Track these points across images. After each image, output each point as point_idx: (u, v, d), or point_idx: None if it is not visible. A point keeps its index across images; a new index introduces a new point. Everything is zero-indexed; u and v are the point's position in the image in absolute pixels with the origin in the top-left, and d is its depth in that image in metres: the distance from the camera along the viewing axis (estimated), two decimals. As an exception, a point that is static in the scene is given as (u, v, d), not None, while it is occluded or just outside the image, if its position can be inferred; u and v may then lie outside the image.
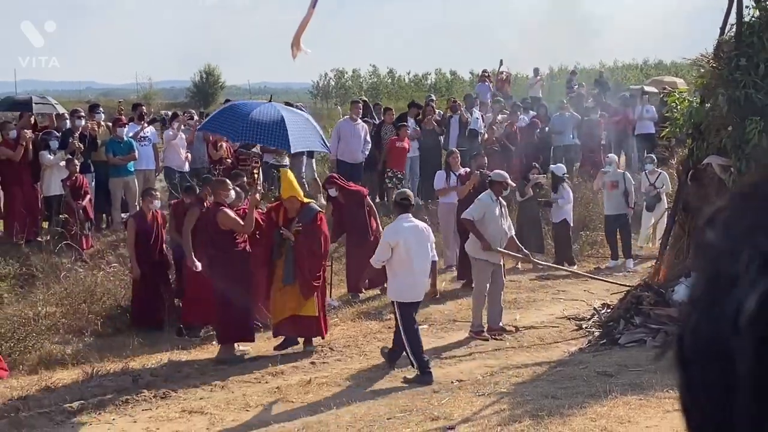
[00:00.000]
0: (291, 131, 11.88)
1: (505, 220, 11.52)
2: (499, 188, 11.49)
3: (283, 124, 11.96)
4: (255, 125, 12.07)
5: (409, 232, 9.64)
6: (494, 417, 7.86)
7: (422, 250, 9.66)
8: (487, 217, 11.22)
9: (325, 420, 8.23)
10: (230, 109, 12.85)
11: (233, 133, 12.73)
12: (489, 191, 11.51)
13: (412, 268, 9.58)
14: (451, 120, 18.82)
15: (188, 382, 9.60)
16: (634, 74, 47.12)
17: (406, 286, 9.65)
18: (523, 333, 11.43)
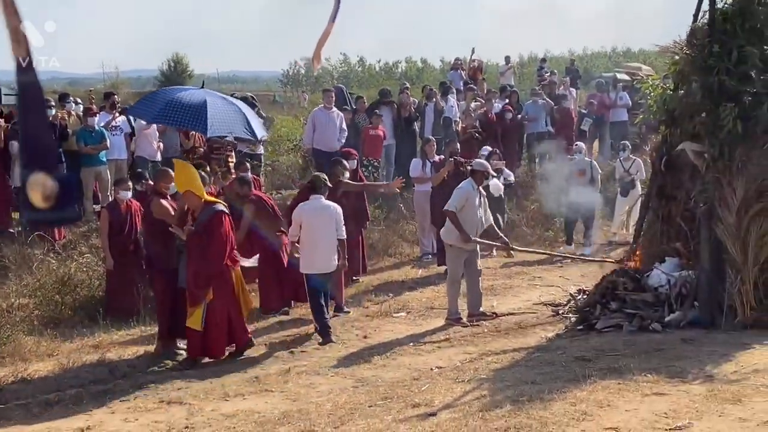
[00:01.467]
0: (211, 116, 12.14)
1: (483, 209, 11.58)
2: (480, 177, 11.58)
3: (204, 108, 12.19)
4: (173, 108, 12.33)
5: (314, 211, 10.80)
6: (475, 403, 7.88)
7: (326, 227, 10.70)
8: (467, 205, 11.29)
9: (306, 409, 8.22)
10: (156, 93, 13.12)
11: (148, 115, 12.94)
12: (470, 180, 11.57)
13: (316, 243, 10.69)
14: (426, 108, 18.82)
15: (165, 372, 9.56)
16: (603, 62, 47.45)
17: (311, 260, 10.74)
18: (501, 319, 11.48)
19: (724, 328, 9.86)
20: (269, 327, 11.53)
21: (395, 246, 16.12)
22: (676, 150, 10.88)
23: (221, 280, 9.79)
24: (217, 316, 9.79)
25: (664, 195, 11.19)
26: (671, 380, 8.09)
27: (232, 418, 8.12)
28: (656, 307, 10.41)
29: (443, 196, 12.49)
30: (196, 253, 9.75)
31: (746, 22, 10.31)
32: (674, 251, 10.84)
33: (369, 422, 7.61)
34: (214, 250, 9.71)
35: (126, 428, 8.00)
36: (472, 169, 11.77)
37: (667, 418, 7.10)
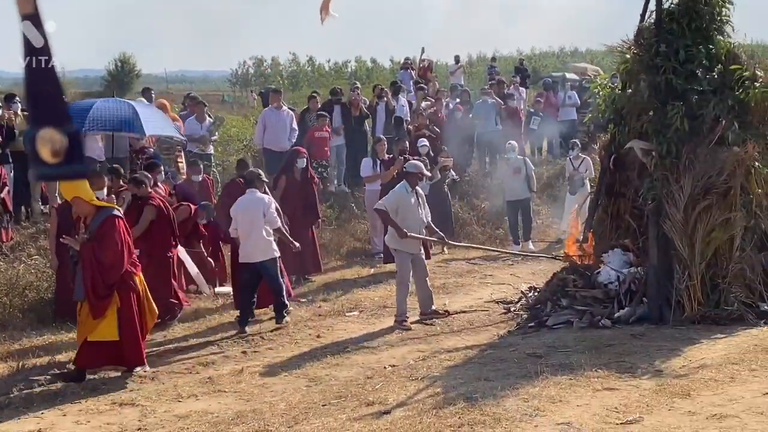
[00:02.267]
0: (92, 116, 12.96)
1: (422, 209, 11.54)
2: (414, 179, 11.46)
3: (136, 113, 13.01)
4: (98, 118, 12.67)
5: (245, 204, 11.31)
6: (429, 400, 7.93)
7: (254, 218, 11.17)
8: (402, 207, 11.28)
9: (260, 409, 8.19)
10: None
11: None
12: (404, 182, 11.52)
13: (248, 234, 11.22)
14: (378, 107, 18.85)
15: (116, 373, 9.44)
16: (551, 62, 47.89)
17: (244, 250, 11.29)
18: (453, 317, 11.54)
19: (673, 323, 10.04)
20: (219, 327, 11.45)
21: (347, 245, 16.13)
22: (624, 148, 11.05)
23: (125, 286, 9.20)
24: (130, 322, 9.23)
25: (613, 193, 11.36)
26: (621, 375, 8.23)
27: (185, 419, 8.06)
28: (606, 304, 10.57)
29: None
30: (91, 263, 9.07)
31: (692, 22, 10.52)
32: (623, 248, 11.00)
33: (323, 421, 7.62)
34: (110, 257, 9.08)
35: (78, 430, 7.90)
36: (405, 172, 11.72)
37: (618, 413, 7.23)
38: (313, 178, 14.18)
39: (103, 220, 9.06)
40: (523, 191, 16.13)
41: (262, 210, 11.26)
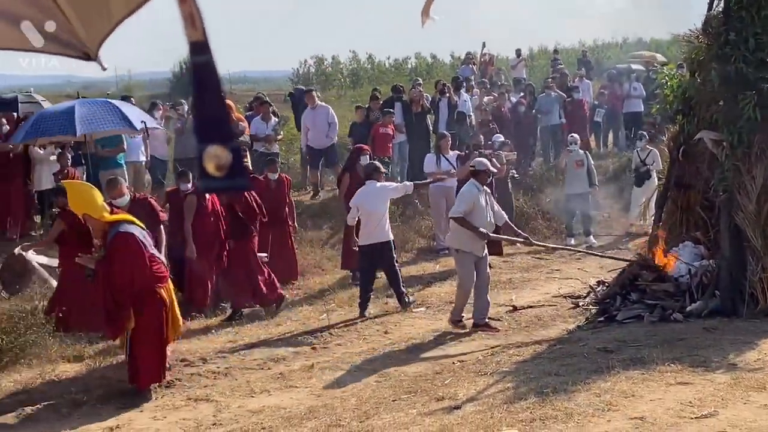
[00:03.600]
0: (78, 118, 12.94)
1: (490, 208, 11.05)
2: (483, 177, 11.01)
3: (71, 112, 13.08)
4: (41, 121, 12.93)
5: (366, 195, 11.81)
6: (499, 395, 7.93)
7: (376, 206, 11.74)
8: (476, 207, 10.78)
9: (331, 404, 8.28)
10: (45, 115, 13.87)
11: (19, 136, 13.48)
12: (473, 181, 11.05)
13: (367, 220, 11.77)
14: (440, 103, 18.84)
15: (191, 370, 9.61)
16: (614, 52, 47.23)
17: (365, 233, 11.79)
18: (521, 313, 11.50)
19: (746, 316, 9.88)
20: (288, 323, 11.57)
21: (411, 241, 16.14)
22: (693, 139, 10.89)
23: (142, 304, 8.67)
24: (145, 339, 8.72)
25: (683, 185, 11.21)
26: (695, 369, 8.12)
27: (258, 414, 8.19)
28: (677, 297, 10.44)
29: None
30: (103, 283, 8.70)
31: (762, 10, 10.31)
32: (694, 240, 10.85)
33: (394, 416, 7.67)
34: (118, 278, 8.56)
35: (154, 426, 8.08)
36: (474, 170, 11.20)
37: (692, 407, 7.14)
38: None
39: (112, 237, 8.58)
40: (584, 185, 15.94)
41: (384, 196, 11.89)
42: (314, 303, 12.51)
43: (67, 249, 11.12)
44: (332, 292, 12.94)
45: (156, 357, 8.81)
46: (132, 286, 8.59)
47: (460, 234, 10.78)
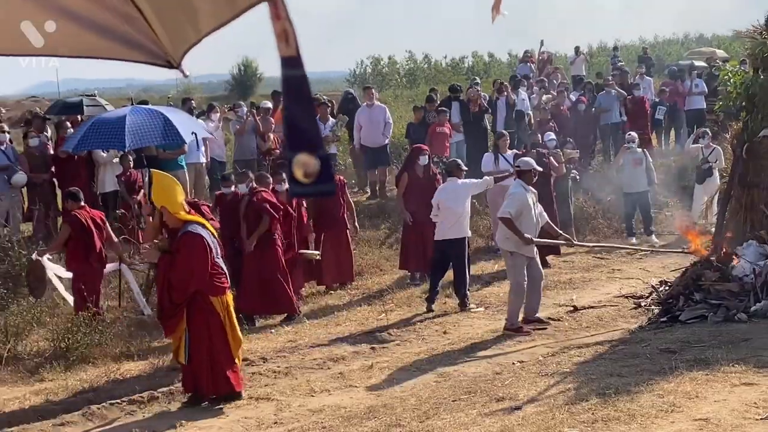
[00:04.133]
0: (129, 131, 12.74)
1: (536, 208, 11.00)
2: (528, 177, 10.99)
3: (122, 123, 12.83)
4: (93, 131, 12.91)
5: (448, 192, 11.93)
6: (560, 396, 7.88)
7: (457, 203, 11.83)
8: (523, 208, 10.73)
9: (391, 404, 8.31)
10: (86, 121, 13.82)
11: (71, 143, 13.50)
12: (519, 181, 11.02)
13: (445, 217, 11.85)
14: (498, 102, 18.76)
15: (252, 369, 9.71)
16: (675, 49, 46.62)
17: (440, 229, 11.92)
18: (581, 313, 11.40)
19: (813, 316, 9.68)
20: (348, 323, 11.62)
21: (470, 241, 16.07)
22: (758, 136, 10.70)
23: (198, 308, 8.57)
24: (199, 347, 8.59)
25: (746, 183, 11.02)
26: (759, 370, 7.98)
27: (319, 413, 8.26)
28: (741, 297, 10.26)
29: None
30: (163, 278, 8.75)
31: (827, 5, 10.11)
32: (758, 240, 10.66)
33: (454, 416, 7.67)
34: (177, 275, 8.52)
35: (217, 424, 8.19)
36: (519, 170, 11.19)
37: (757, 408, 7.03)
38: (436, 175, 14.22)
39: (180, 235, 8.56)
40: (642, 183, 15.70)
41: (464, 193, 11.98)
42: (372, 303, 12.55)
43: (74, 255, 11.33)
44: (390, 292, 12.96)
45: (209, 368, 8.61)
46: (188, 287, 8.50)
47: (510, 236, 10.75)
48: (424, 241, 12.91)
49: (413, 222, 13.08)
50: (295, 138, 1.94)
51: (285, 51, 1.91)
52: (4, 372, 9.96)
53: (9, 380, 9.82)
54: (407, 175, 13.51)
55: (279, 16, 1.89)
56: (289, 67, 1.91)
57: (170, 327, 8.70)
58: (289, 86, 1.93)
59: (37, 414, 8.62)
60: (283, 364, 9.84)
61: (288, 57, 1.92)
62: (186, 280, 8.50)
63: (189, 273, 8.49)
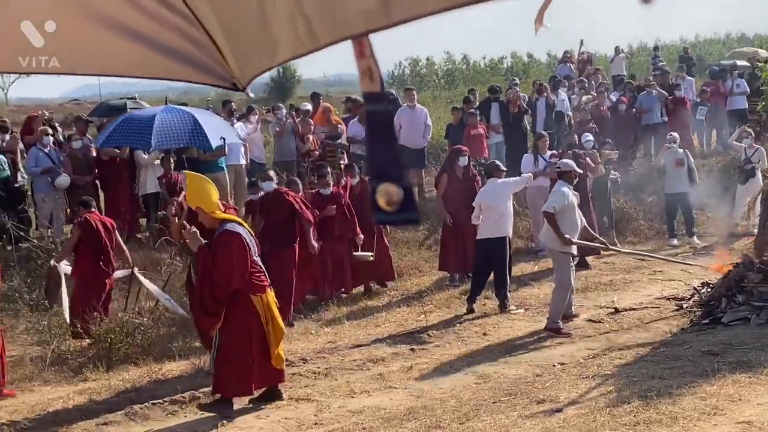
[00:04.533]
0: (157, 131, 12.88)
1: (577, 209, 11.14)
2: (569, 177, 11.11)
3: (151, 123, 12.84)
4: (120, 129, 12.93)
5: (490, 193, 11.95)
6: (602, 399, 7.83)
7: (498, 203, 11.84)
8: (567, 207, 10.86)
9: (430, 405, 8.31)
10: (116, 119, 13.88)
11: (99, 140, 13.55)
12: (561, 181, 11.13)
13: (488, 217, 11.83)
14: (537, 103, 18.68)
15: (292, 370, 9.74)
16: (716, 48, 46.10)
17: (483, 229, 11.89)
18: (622, 315, 11.32)
19: None
20: (387, 324, 11.63)
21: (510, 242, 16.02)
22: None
23: (236, 306, 8.52)
24: (230, 346, 8.51)
25: (790, 183, 10.88)
26: (805, 373, 7.89)
27: (359, 414, 8.28)
28: (786, 299, 10.14)
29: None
30: (203, 275, 8.64)
31: None
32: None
33: (495, 418, 7.65)
34: (217, 273, 8.41)
35: (258, 425, 8.24)
36: (560, 171, 11.34)
37: (803, 412, 6.94)
38: (475, 176, 14.19)
39: (218, 234, 8.53)
40: (684, 184, 15.54)
41: (506, 193, 12.00)
42: (412, 304, 12.55)
43: (83, 258, 11.35)
44: (429, 293, 12.96)
45: (239, 369, 8.51)
46: (229, 285, 8.44)
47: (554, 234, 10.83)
48: (463, 242, 12.93)
49: (453, 223, 13.08)
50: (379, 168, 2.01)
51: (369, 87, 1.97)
52: (48, 372, 10.09)
53: (53, 380, 9.95)
54: (447, 176, 13.50)
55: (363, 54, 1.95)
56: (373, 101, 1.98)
57: (208, 323, 8.65)
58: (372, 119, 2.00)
59: (80, 413, 8.70)
60: (322, 365, 9.88)
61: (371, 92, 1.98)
62: (227, 278, 8.42)
63: (229, 271, 8.42)
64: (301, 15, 1.98)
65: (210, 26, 2.36)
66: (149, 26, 2.36)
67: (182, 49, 2.40)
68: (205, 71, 2.46)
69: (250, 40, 2.26)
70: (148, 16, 2.34)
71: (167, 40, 2.38)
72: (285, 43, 2.12)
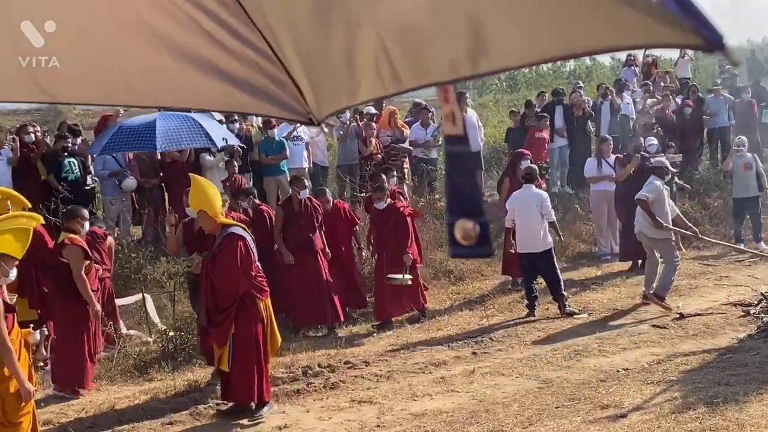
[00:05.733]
0: (160, 133, 12.89)
1: (669, 201, 12.04)
2: (661, 172, 11.98)
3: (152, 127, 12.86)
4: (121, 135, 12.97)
5: (523, 198, 12.02)
6: (666, 405, 7.75)
7: (530, 211, 11.87)
8: (659, 199, 11.68)
9: (493, 409, 8.29)
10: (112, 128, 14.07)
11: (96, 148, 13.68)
12: (654, 176, 11.94)
13: (522, 225, 11.91)
14: (602, 106, 18.52)
15: (354, 372, 9.80)
16: (785, 50, 45.13)
17: (522, 240, 11.89)
18: (688, 321, 11.16)
19: None
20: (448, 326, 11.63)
21: (572, 247, 15.91)
22: None
23: (244, 312, 8.40)
24: (244, 353, 8.38)
25: None
26: None
27: (421, 417, 8.29)
28: None
29: (629, 192, 12.90)
30: (207, 285, 8.48)
31: None
32: None
33: (558, 423, 7.61)
34: (221, 280, 8.34)
35: (320, 426, 8.29)
36: (652, 167, 12.28)
37: None
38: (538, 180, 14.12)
39: (222, 238, 8.41)
40: (753, 188, 15.29)
41: (537, 203, 11.89)
42: (473, 308, 12.54)
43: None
44: (492, 297, 12.93)
45: (252, 374, 8.42)
46: (236, 291, 8.34)
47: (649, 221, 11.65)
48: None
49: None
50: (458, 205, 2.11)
51: (451, 130, 2.07)
52: (115, 371, 10.28)
53: (119, 379, 10.14)
54: (509, 179, 13.47)
55: (448, 100, 2.03)
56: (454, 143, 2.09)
57: (219, 336, 8.39)
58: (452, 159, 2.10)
59: (146, 413, 8.84)
60: (385, 368, 9.91)
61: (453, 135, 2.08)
62: (232, 282, 8.32)
63: (235, 275, 8.29)
64: (386, 59, 2.03)
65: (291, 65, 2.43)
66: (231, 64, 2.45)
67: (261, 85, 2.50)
68: (281, 106, 2.55)
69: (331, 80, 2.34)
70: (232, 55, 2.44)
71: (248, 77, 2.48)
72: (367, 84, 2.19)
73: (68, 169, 13.96)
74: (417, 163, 16.74)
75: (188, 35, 2.41)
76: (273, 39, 2.40)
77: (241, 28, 2.41)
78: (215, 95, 2.54)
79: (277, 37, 2.38)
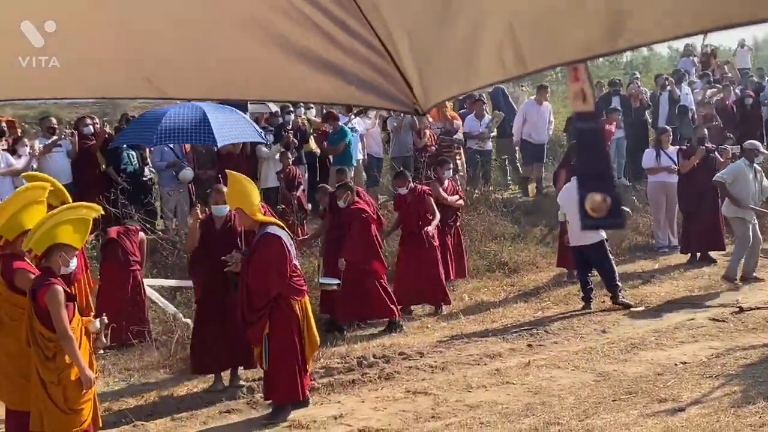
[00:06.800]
0: (215, 126, 12.76)
1: (758, 183, 12.57)
2: (750, 155, 12.61)
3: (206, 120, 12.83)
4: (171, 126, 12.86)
5: (568, 192, 11.80)
6: (725, 399, 7.66)
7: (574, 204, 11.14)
8: (740, 179, 12.35)
9: (549, 402, 8.25)
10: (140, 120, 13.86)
11: (146, 140, 13.50)
12: (744, 158, 12.65)
13: (573, 219, 11.40)
14: (660, 97, 18.27)
15: (409, 363, 9.81)
16: None
17: (573, 234, 11.76)
18: (747, 314, 10.99)
19: None
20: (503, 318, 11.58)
21: (629, 239, 15.74)
22: None
23: (279, 312, 8.29)
24: (280, 352, 8.27)
25: None
26: None
27: (476, 408, 8.28)
28: None
29: (692, 184, 13.27)
30: (242, 284, 8.40)
31: None
32: None
33: (614, 416, 7.56)
34: (255, 279, 8.22)
35: (375, 417, 8.32)
36: (743, 148, 13.01)
37: None
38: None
39: (259, 236, 8.30)
40: None
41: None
42: (529, 300, 12.47)
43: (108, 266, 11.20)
44: (547, 289, 12.85)
45: (289, 373, 8.33)
46: (270, 290, 8.22)
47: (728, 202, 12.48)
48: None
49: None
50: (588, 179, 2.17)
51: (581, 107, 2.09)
52: (173, 359, 10.40)
53: (178, 367, 10.26)
54: (565, 171, 13.37)
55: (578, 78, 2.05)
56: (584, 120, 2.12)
57: (254, 335, 8.31)
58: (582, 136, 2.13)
59: (204, 401, 8.96)
60: (439, 359, 9.90)
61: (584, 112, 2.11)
62: (266, 282, 8.21)
63: (269, 275, 8.19)
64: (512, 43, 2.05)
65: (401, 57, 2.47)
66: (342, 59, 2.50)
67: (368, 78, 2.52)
68: (387, 97, 2.61)
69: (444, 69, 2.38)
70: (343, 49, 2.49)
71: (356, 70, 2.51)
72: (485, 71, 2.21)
73: (127, 161, 14.17)
74: (471, 155, 16.69)
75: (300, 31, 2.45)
76: (384, 32, 2.42)
77: (350, 22, 2.44)
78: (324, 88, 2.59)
79: (389, 30, 2.41)
